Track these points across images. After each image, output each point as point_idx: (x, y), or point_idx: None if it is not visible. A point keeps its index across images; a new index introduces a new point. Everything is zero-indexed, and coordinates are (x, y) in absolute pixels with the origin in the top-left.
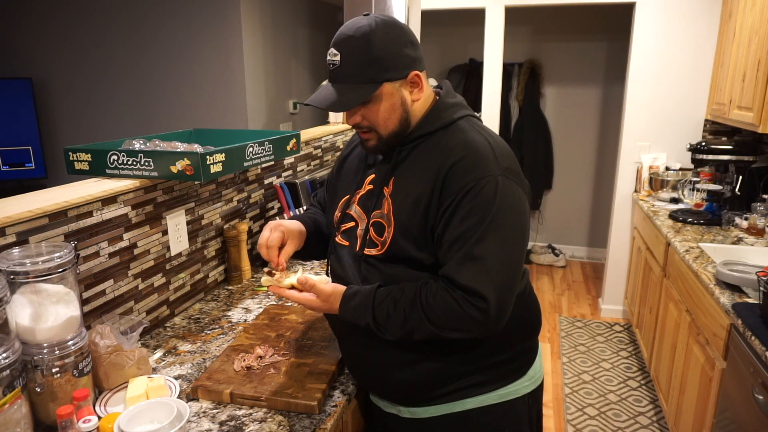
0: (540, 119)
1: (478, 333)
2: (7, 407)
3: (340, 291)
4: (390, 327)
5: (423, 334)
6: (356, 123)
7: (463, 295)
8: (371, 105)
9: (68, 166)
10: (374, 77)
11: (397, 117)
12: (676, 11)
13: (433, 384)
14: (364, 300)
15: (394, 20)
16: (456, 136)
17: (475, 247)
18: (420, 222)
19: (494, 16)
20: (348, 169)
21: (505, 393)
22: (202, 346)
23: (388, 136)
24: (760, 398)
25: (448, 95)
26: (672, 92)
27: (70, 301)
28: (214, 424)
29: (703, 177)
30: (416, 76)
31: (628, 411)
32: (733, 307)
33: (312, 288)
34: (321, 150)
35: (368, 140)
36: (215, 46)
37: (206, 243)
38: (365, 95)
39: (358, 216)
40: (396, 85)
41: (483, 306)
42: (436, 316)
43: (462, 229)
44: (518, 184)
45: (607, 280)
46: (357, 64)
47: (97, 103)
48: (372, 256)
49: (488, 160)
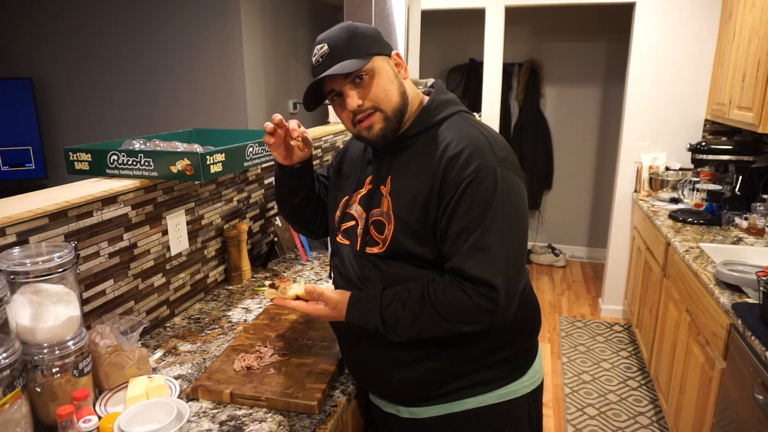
0: (540, 119)
1: (488, 323)
2: (7, 407)
3: (347, 297)
4: (399, 328)
5: (433, 331)
6: (357, 106)
7: (473, 286)
8: (368, 81)
9: (68, 166)
10: (366, 50)
11: (396, 88)
12: (676, 11)
13: (432, 383)
14: (371, 303)
15: None
16: (451, 131)
17: (480, 238)
18: (419, 217)
19: (494, 16)
20: (346, 171)
21: (505, 393)
22: (202, 346)
23: (393, 111)
24: (760, 398)
25: (440, 93)
26: (672, 92)
27: (70, 301)
28: (214, 424)
29: (703, 177)
30: (398, 55)
31: (628, 411)
32: (733, 307)
33: (320, 296)
34: (321, 150)
35: (373, 125)
36: (215, 46)
37: (206, 243)
38: (363, 63)
39: (358, 215)
40: (385, 59)
41: (493, 295)
42: (447, 311)
43: (466, 221)
44: (516, 174)
45: (607, 280)
46: (347, 44)
47: (97, 103)
48: (374, 255)
49: (485, 152)
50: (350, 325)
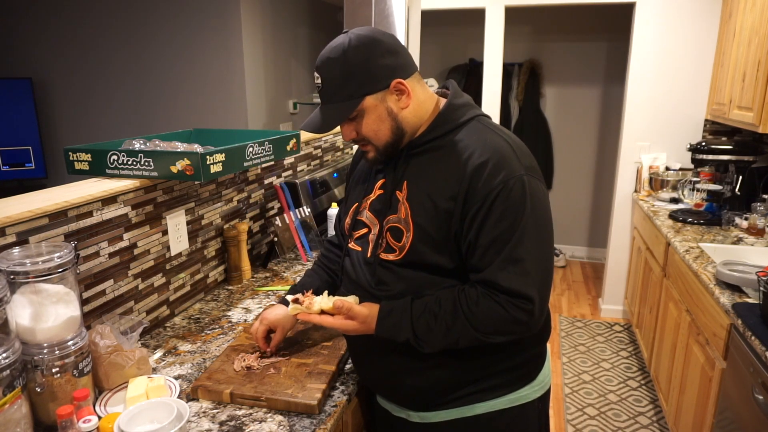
0: (540, 119)
1: (521, 334)
2: (7, 407)
3: (376, 311)
4: (431, 340)
5: (466, 342)
6: (353, 138)
7: (508, 298)
8: (359, 120)
9: (68, 166)
10: (353, 93)
11: (388, 127)
12: (676, 11)
13: (444, 390)
14: (402, 316)
15: (371, 32)
16: (472, 138)
17: (512, 250)
18: (442, 226)
19: (494, 16)
20: (357, 179)
21: (516, 398)
22: (202, 346)
23: (384, 147)
24: (760, 398)
25: (456, 96)
26: (672, 92)
27: (70, 301)
28: (214, 424)
29: (703, 177)
30: (399, 83)
31: (628, 411)
32: (733, 307)
33: (349, 311)
34: (321, 150)
35: (368, 152)
36: (215, 46)
37: (206, 243)
38: (347, 113)
39: (369, 222)
40: (378, 96)
41: (529, 307)
42: (481, 323)
43: (496, 232)
44: (540, 181)
45: (607, 280)
46: (336, 84)
47: (97, 103)
48: (388, 261)
49: (511, 161)
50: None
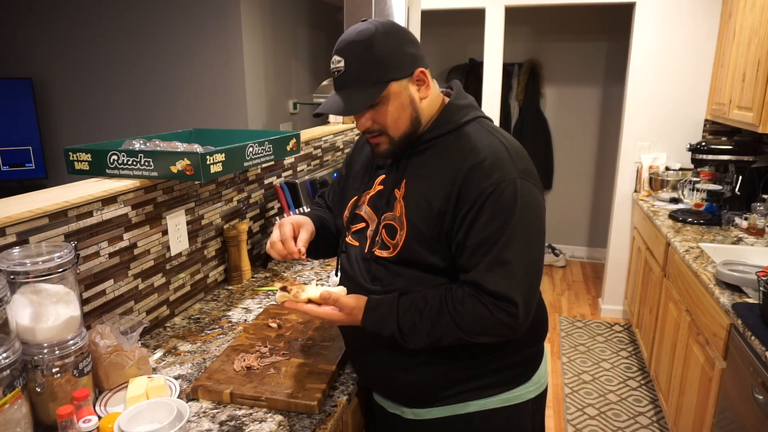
0: (540, 119)
1: (506, 337)
2: (7, 407)
3: (363, 303)
4: (415, 336)
5: (450, 341)
6: (367, 128)
7: (493, 300)
8: (380, 107)
9: (68, 166)
10: (380, 78)
11: (408, 116)
12: (676, 11)
13: (438, 386)
14: (388, 310)
15: (393, 22)
16: (470, 139)
17: (500, 252)
18: (434, 226)
19: (494, 16)
20: (356, 170)
21: (510, 397)
22: (202, 346)
23: (400, 137)
24: (760, 398)
25: (459, 97)
26: (672, 92)
27: (70, 301)
28: (214, 424)
29: (703, 177)
30: (422, 72)
31: (628, 411)
32: (733, 307)
33: (336, 302)
34: (321, 150)
35: (379, 144)
36: (215, 46)
37: (206, 243)
38: (373, 97)
39: (368, 217)
40: (403, 83)
41: (513, 310)
42: (465, 323)
43: (485, 234)
44: (535, 185)
45: (607, 280)
46: (362, 67)
47: (97, 103)
48: (383, 258)
49: (505, 163)
50: (362, 330)
